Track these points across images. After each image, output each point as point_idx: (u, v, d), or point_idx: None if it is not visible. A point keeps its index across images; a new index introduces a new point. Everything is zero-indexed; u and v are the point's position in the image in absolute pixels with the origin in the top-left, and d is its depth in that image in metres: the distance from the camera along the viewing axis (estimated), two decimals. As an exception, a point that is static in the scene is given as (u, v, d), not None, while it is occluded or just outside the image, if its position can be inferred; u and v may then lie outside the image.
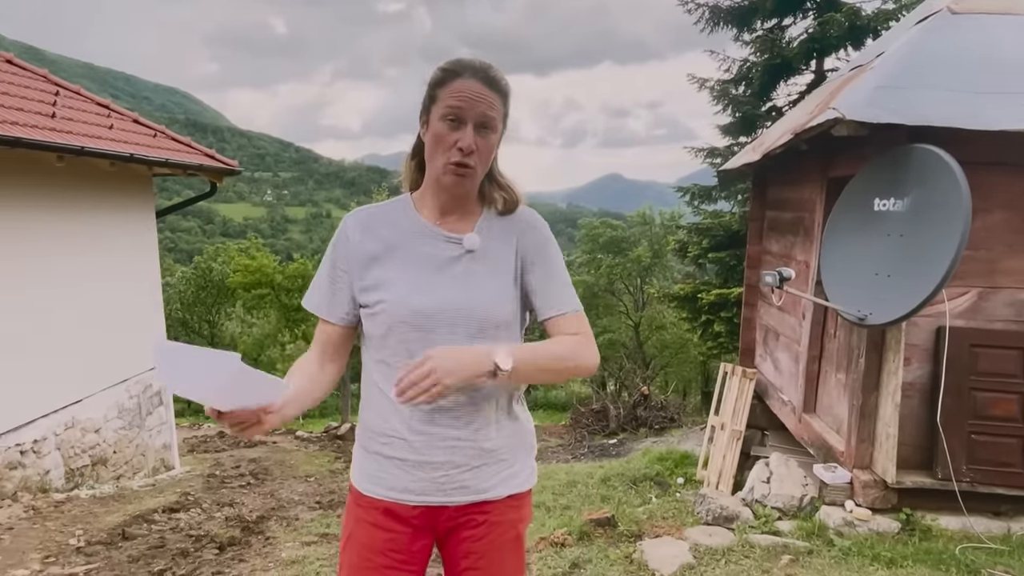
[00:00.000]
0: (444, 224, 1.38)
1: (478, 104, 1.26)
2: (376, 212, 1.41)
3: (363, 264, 1.36)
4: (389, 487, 1.36)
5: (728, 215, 12.04)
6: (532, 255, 1.39)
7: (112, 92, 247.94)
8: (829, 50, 10.58)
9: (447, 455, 1.33)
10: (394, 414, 1.34)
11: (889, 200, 3.17)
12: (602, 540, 3.93)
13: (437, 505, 1.36)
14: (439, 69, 1.31)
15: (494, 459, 1.37)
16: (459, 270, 1.35)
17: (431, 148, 1.31)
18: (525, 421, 1.46)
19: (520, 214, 1.43)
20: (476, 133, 1.28)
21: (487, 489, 1.38)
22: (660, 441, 8.19)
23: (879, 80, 3.35)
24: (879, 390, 3.54)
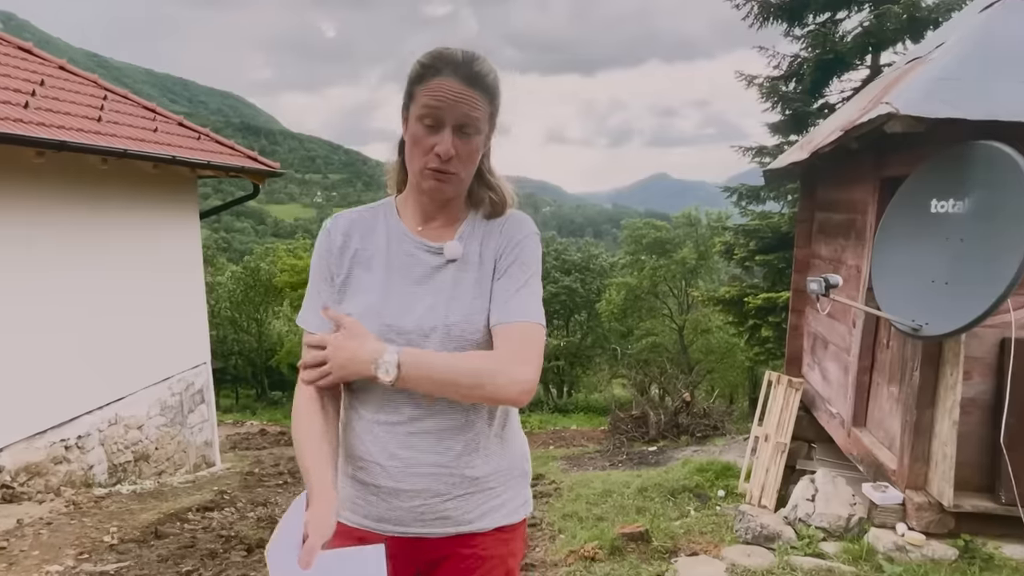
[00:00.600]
0: (426, 231, 1.26)
1: (458, 105, 1.13)
2: (357, 217, 1.31)
3: (344, 272, 1.26)
4: (364, 515, 1.25)
5: (777, 216, 11.64)
6: (504, 258, 1.24)
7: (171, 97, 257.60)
8: (886, 44, 10.13)
9: (426, 483, 1.21)
10: (369, 436, 1.23)
11: (948, 201, 2.93)
12: (634, 556, 3.77)
13: (416, 537, 1.25)
14: (418, 63, 1.17)
15: (479, 487, 1.25)
16: (439, 282, 1.23)
17: (409, 150, 1.20)
18: (517, 446, 1.34)
19: (507, 218, 1.29)
20: (456, 136, 1.15)
21: (471, 520, 1.25)
22: (702, 450, 7.93)
23: (938, 72, 3.10)
24: (935, 406, 3.29)
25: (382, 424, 1.22)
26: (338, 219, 1.30)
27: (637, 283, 25.01)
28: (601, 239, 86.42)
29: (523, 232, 1.27)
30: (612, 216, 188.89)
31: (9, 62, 5.76)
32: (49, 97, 5.41)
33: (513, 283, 1.21)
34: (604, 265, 29.33)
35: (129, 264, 6.23)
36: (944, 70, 3.10)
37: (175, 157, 5.99)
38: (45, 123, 4.74)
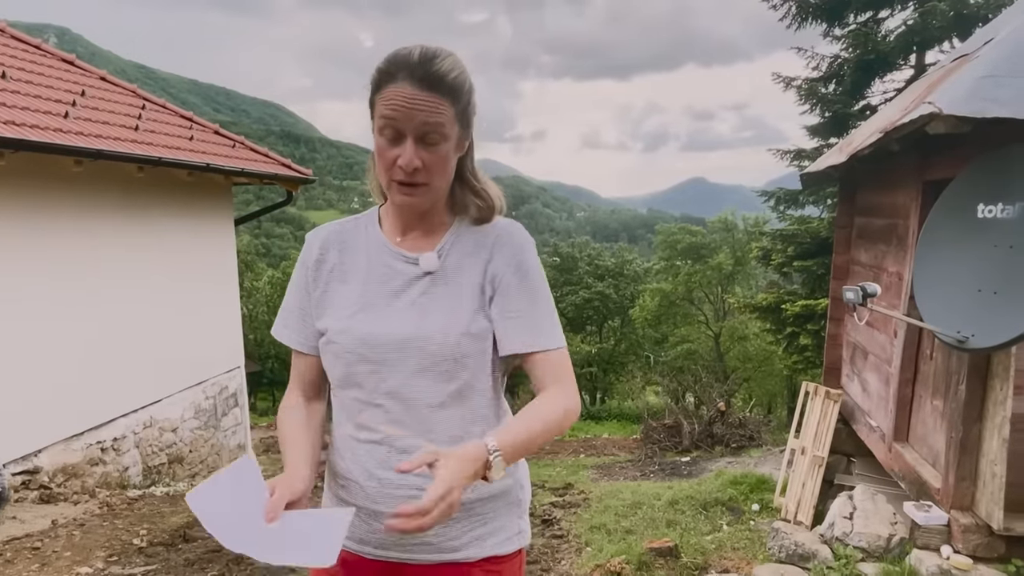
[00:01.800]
0: (404, 242, 1.21)
1: (414, 113, 1.05)
2: (338, 229, 1.27)
3: (320, 286, 1.22)
4: (347, 535, 1.18)
5: (816, 221, 11.35)
6: (505, 276, 1.17)
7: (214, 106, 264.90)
8: (931, 43, 9.80)
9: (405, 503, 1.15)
10: (349, 454, 1.19)
11: (996, 206, 2.76)
12: (663, 572, 3.67)
13: (398, 562, 1.19)
14: (375, 69, 1.09)
15: (465, 513, 1.17)
16: (414, 294, 1.16)
17: (376, 163, 1.14)
18: (512, 469, 1.24)
19: (495, 226, 1.22)
20: (420, 146, 1.07)
21: (457, 548, 1.18)
22: (736, 462, 7.73)
23: (985, 69, 2.94)
24: (983, 422, 3.11)
25: (361, 442, 1.17)
26: (318, 232, 1.27)
27: (672, 289, 24.70)
28: (636, 244, 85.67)
29: (520, 246, 1.19)
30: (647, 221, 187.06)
31: (52, 74, 5.94)
32: (89, 107, 5.55)
33: (542, 304, 1.17)
34: (638, 270, 29.06)
35: (166, 270, 6.36)
36: (992, 67, 2.94)
37: (209, 165, 6.09)
38: (84, 132, 4.87)
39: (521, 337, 1.15)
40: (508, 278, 1.16)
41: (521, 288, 1.16)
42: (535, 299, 1.17)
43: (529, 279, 1.17)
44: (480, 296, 1.16)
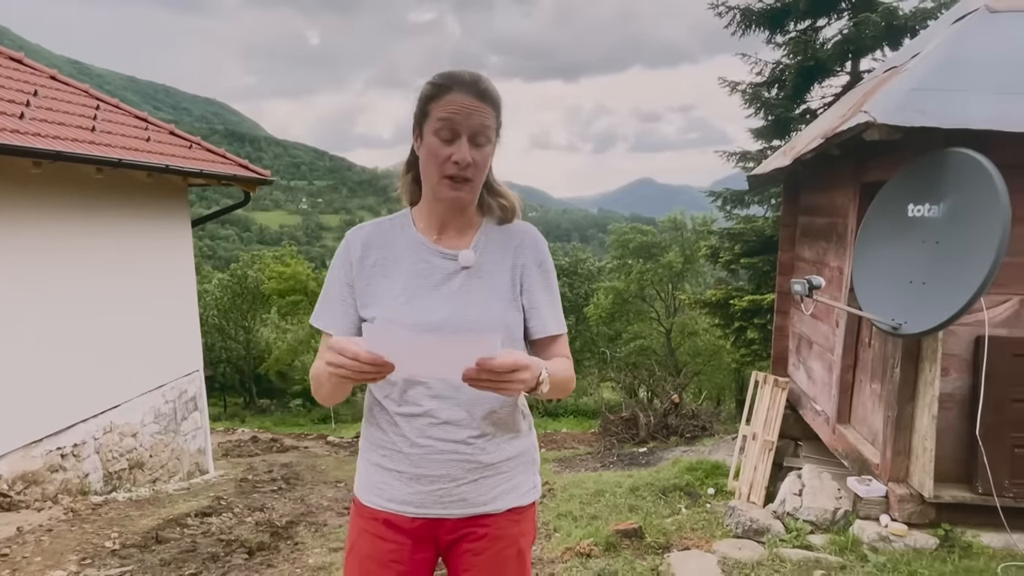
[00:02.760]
0: (442, 240, 1.37)
1: (471, 117, 1.25)
2: (376, 228, 1.41)
3: (364, 279, 1.36)
4: (388, 498, 1.36)
5: (761, 220, 11.84)
6: (532, 272, 1.39)
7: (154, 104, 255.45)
8: (865, 51, 10.36)
9: (444, 468, 1.32)
10: (392, 427, 1.34)
11: (924, 206, 3.07)
12: (629, 551, 3.88)
13: (436, 518, 1.36)
14: (429, 84, 1.29)
15: (493, 472, 1.36)
16: (454, 287, 1.34)
17: (425, 163, 1.31)
18: (527, 434, 1.45)
19: (518, 228, 1.42)
20: (470, 146, 1.26)
21: (486, 502, 1.37)
22: (691, 450, 8.07)
23: (913, 82, 3.25)
24: (915, 401, 3.43)
25: (404, 416, 1.33)
26: (357, 232, 1.41)
27: (624, 287, 25.20)
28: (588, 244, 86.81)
29: (541, 247, 1.42)
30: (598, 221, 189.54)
31: (2, 72, 5.79)
32: (43, 107, 5.44)
33: (556, 298, 1.43)
34: (592, 269, 29.53)
35: (123, 272, 6.26)
36: (919, 80, 3.25)
37: (168, 166, 6.03)
38: (41, 133, 4.79)
39: (549, 323, 1.39)
40: (534, 274, 1.39)
41: (544, 283, 1.41)
42: (553, 292, 1.43)
43: (549, 275, 1.42)
44: (512, 289, 1.37)
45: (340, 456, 9.94)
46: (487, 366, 1.08)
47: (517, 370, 1.10)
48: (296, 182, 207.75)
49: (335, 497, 6.30)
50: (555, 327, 1.40)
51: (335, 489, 6.90)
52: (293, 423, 20.68)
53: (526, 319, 1.38)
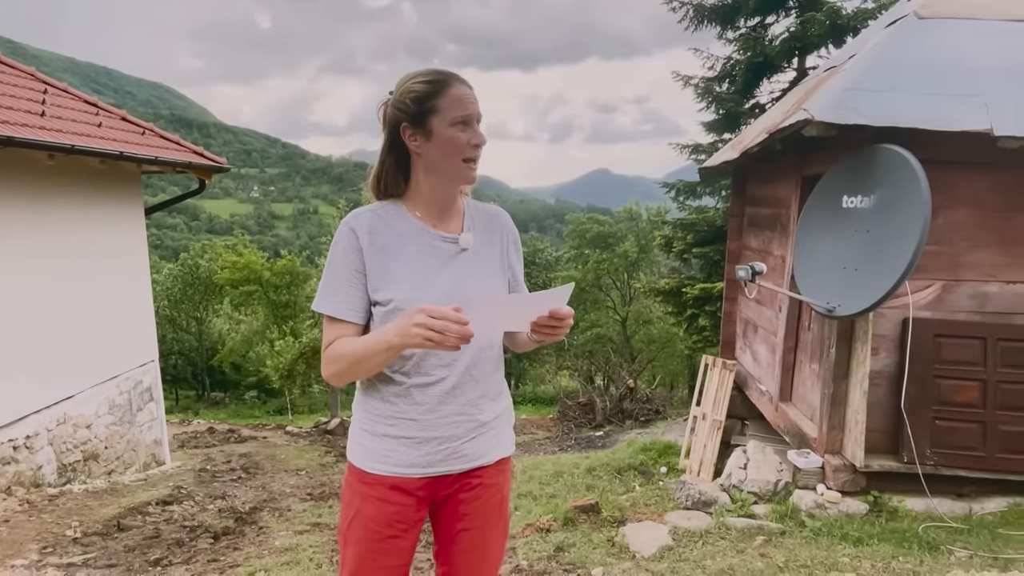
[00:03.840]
0: (438, 225, 1.52)
1: (475, 104, 1.45)
2: (376, 216, 1.49)
3: (375, 264, 1.45)
4: (395, 463, 1.48)
5: (712, 211, 12.21)
6: (512, 252, 1.64)
7: (95, 87, 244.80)
8: (811, 48, 10.76)
9: (451, 429, 1.48)
10: (403, 398, 1.47)
11: (856, 197, 3.32)
12: (586, 525, 4.07)
13: (439, 475, 1.51)
14: (421, 83, 1.42)
15: (487, 429, 1.54)
16: (457, 266, 1.50)
17: (441, 155, 1.44)
18: (506, 393, 1.64)
19: (494, 211, 1.63)
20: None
21: (481, 456, 1.54)
22: (645, 432, 8.36)
23: (847, 83, 3.50)
24: (848, 379, 3.71)
25: (417, 386, 1.46)
26: (359, 216, 1.48)
27: (581, 276, 25.55)
28: (545, 234, 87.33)
29: (515, 229, 1.65)
30: (555, 211, 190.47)
31: (-58, 54, 5.59)
32: (-11, 91, 5.29)
33: (521, 271, 1.66)
34: (549, 259, 29.80)
35: (74, 261, 6.14)
36: (852, 81, 3.50)
37: (123, 153, 5.93)
38: (-11, 118, 4.67)
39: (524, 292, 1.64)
40: (513, 254, 1.63)
41: (520, 259, 1.66)
42: (522, 267, 1.68)
43: (521, 252, 1.68)
44: (501, 265, 1.59)
45: (300, 445, 9.91)
46: (559, 314, 1.34)
47: (570, 317, 1.37)
48: (247, 170, 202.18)
49: (297, 484, 6.34)
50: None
51: (296, 477, 6.93)
52: (248, 415, 20.39)
53: (510, 290, 1.62)
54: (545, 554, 3.59)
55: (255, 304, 23.52)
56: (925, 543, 3.16)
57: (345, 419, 12.03)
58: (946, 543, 3.16)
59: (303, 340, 17.15)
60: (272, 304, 22.39)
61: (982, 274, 3.59)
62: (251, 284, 22.44)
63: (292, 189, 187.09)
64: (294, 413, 19.85)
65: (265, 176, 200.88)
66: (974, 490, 3.64)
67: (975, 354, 3.53)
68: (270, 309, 22.45)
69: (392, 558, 1.50)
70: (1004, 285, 3.59)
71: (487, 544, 1.58)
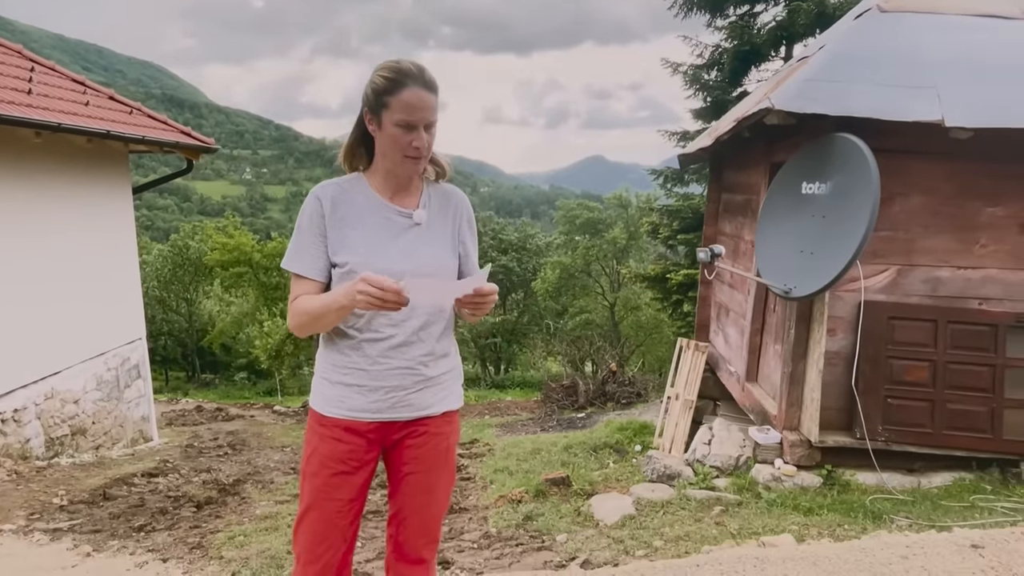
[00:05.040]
0: (395, 200, 1.68)
1: (425, 111, 1.54)
2: (339, 187, 1.66)
3: (335, 230, 1.62)
4: (348, 408, 1.66)
5: (698, 198, 12.35)
6: (465, 229, 1.78)
7: (84, 65, 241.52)
8: (797, 38, 10.86)
9: (398, 380, 1.65)
10: (354, 351, 1.64)
11: (815, 184, 3.47)
12: (556, 497, 4.25)
13: (388, 421, 1.67)
14: (383, 78, 1.54)
15: (433, 384, 1.70)
16: (410, 238, 1.66)
17: (387, 146, 1.59)
18: (455, 355, 1.79)
19: (451, 191, 1.78)
20: (425, 132, 1.57)
21: (427, 407, 1.70)
22: (625, 414, 8.54)
23: (810, 73, 3.63)
24: (806, 358, 3.87)
25: (368, 341, 1.64)
26: (324, 189, 1.66)
27: (571, 262, 25.72)
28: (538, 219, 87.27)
29: (469, 208, 1.80)
30: (549, 197, 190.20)
31: (-71, 31, 5.62)
32: (-25, 69, 5.35)
33: (476, 246, 1.82)
34: (540, 245, 29.93)
35: (62, 239, 6.22)
36: (815, 71, 3.63)
37: (109, 132, 6.00)
38: (-25, 96, 4.74)
39: (474, 267, 1.78)
40: (467, 231, 1.78)
41: (472, 236, 1.81)
42: (475, 242, 1.84)
43: (474, 229, 1.83)
44: (452, 240, 1.74)
45: (287, 424, 10.06)
46: (482, 291, 1.49)
47: (494, 294, 1.52)
48: (239, 151, 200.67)
49: (281, 460, 6.49)
50: (477, 269, 1.78)
51: (281, 453, 7.08)
52: (238, 396, 20.52)
53: (460, 263, 1.77)
54: (514, 522, 3.76)
55: (245, 286, 23.57)
56: (870, 512, 3.33)
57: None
58: (890, 513, 3.33)
59: (292, 322, 17.24)
60: (262, 286, 22.45)
61: (935, 259, 3.75)
62: (241, 266, 22.47)
63: (285, 171, 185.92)
64: (283, 394, 20.00)
65: (257, 158, 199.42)
66: (923, 465, 3.82)
67: (926, 336, 3.69)
68: (260, 291, 22.52)
69: (344, 491, 1.66)
70: (955, 270, 3.75)
71: (432, 487, 1.74)
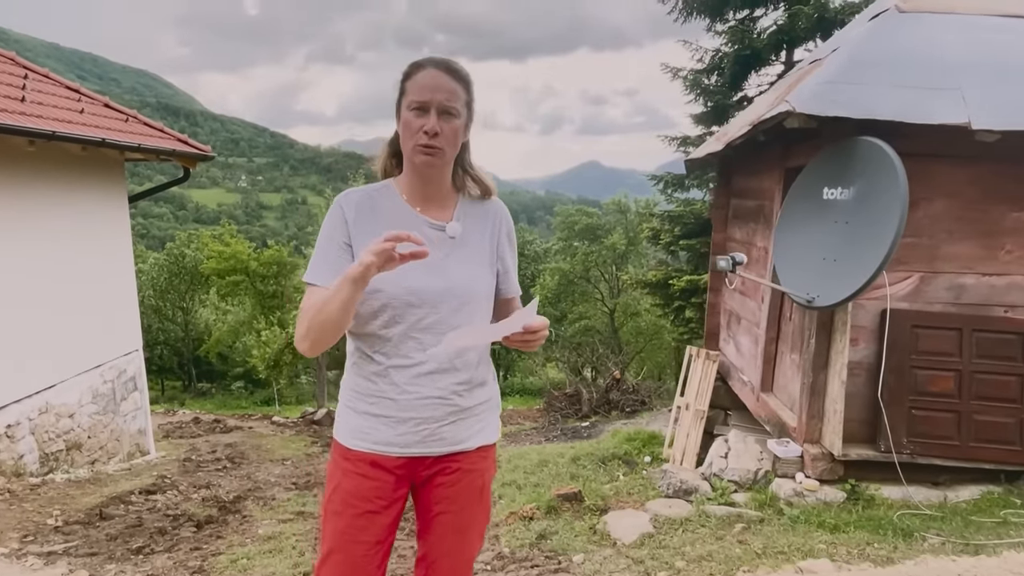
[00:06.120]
0: (426, 211, 1.52)
1: (439, 92, 1.40)
2: (366, 196, 1.52)
3: (359, 241, 1.46)
4: (375, 441, 1.51)
5: (699, 203, 12.27)
6: (504, 244, 1.62)
7: (79, 74, 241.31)
8: (798, 42, 10.80)
9: (429, 411, 1.49)
10: (381, 378, 1.49)
11: (836, 189, 3.36)
12: (569, 513, 4.11)
13: (418, 456, 1.52)
14: (410, 65, 1.46)
15: (468, 415, 1.55)
16: (443, 254, 1.50)
17: (403, 135, 1.46)
18: (492, 383, 1.64)
19: (493, 204, 1.62)
20: (440, 119, 1.41)
21: (461, 441, 1.55)
22: (630, 423, 8.41)
23: (829, 75, 3.52)
24: (828, 369, 3.75)
25: (395, 367, 1.48)
26: (349, 196, 1.52)
27: (570, 268, 25.61)
28: (535, 226, 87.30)
29: (510, 221, 1.65)
30: (545, 203, 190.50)
31: (-80, 38, 5.50)
32: (-33, 76, 5.22)
33: (516, 263, 1.66)
34: (538, 251, 29.82)
35: (57, 249, 6.08)
36: (834, 73, 3.52)
37: (104, 140, 5.87)
38: (-33, 103, 4.61)
39: (515, 286, 1.64)
40: (506, 245, 1.62)
41: (512, 251, 1.65)
42: (516, 258, 1.67)
43: (515, 244, 1.67)
44: (491, 256, 1.58)
45: (286, 436, 9.90)
46: (532, 328, 1.36)
47: (545, 329, 1.39)
48: (235, 159, 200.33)
49: (282, 474, 6.34)
50: (518, 289, 1.65)
51: (282, 466, 6.93)
52: (235, 405, 20.32)
53: (498, 281, 1.60)
54: (527, 541, 3.62)
55: (242, 294, 23.38)
56: (899, 530, 3.21)
57: (332, 410, 12.03)
58: (920, 530, 3.21)
59: (290, 330, 17.09)
60: (259, 294, 22.28)
61: (959, 266, 3.64)
62: (238, 274, 22.30)
63: (280, 179, 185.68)
64: (281, 404, 19.81)
65: (253, 165, 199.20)
66: (949, 478, 3.70)
67: (951, 345, 3.58)
68: (257, 299, 22.34)
69: (369, 533, 1.51)
70: (980, 277, 3.64)
71: (465, 528, 1.59)
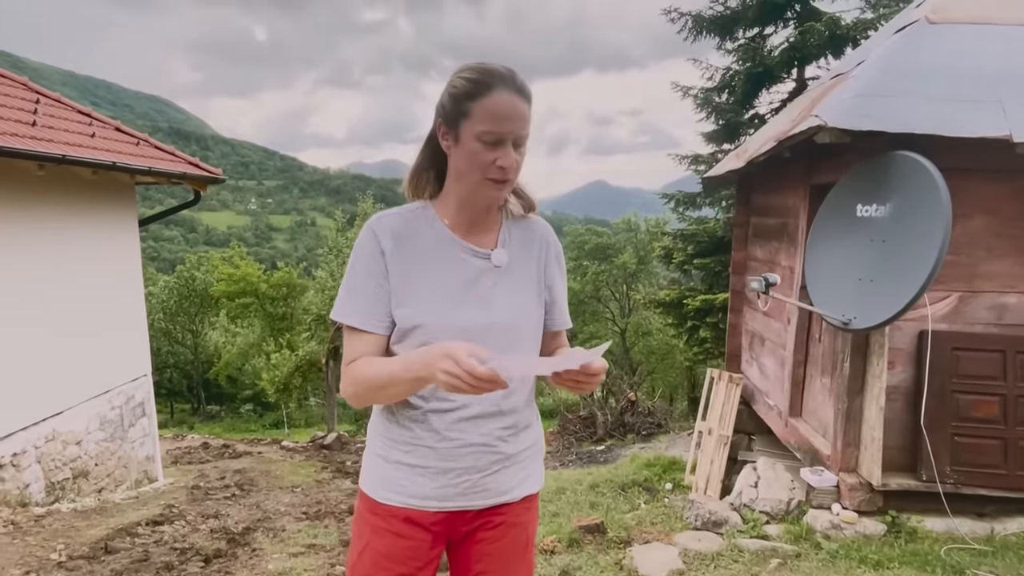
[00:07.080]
0: (469, 237, 1.36)
1: (516, 121, 1.22)
2: (401, 219, 1.35)
3: (398, 272, 1.30)
4: (411, 495, 1.34)
5: (712, 221, 12.14)
6: (553, 271, 1.45)
7: (93, 100, 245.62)
8: (810, 59, 10.74)
9: (472, 460, 1.33)
10: (418, 423, 1.32)
11: (871, 206, 3.21)
12: (592, 547, 3.93)
13: (458, 510, 1.37)
14: (466, 80, 1.23)
15: (513, 462, 1.39)
16: (488, 285, 1.34)
17: (464, 166, 1.26)
18: (537, 425, 1.48)
19: (537, 225, 1.45)
20: (513, 149, 1.25)
21: (506, 491, 1.39)
22: (647, 447, 8.20)
23: (860, 88, 3.40)
24: (864, 393, 3.58)
25: (435, 411, 1.31)
26: (383, 220, 1.34)
27: (580, 288, 25.46)
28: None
29: (557, 245, 1.47)
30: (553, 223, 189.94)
31: (-68, 63, 5.48)
32: (-21, 101, 5.19)
33: (564, 293, 1.48)
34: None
35: (66, 273, 6.01)
36: (866, 86, 3.40)
37: (115, 163, 5.81)
38: (-23, 128, 4.56)
39: (565, 318, 1.48)
40: (555, 273, 1.45)
41: (562, 278, 1.48)
42: (565, 287, 1.50)
43: (564, 272, 1.50)
44: (538, 285, 1.41)
45: (295, 461, 9.73)
46: (590, 369, 1.16)
47: (602, 373, 1.19)
48: (245, 182, 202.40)
49: (292, 502, 6.17)
50: (567, 321, 1.49)
51: (292, 494, 6.76)
52: (244, 429, 20.17)
53: (547, 312, 1.43)
54: (550, 578, 3.44)
55: (251, 316, 23.39)
56: (949, 567, 3.02)
57: (342, 433, 11.86)
58: (971, 566, 3.02)
59: (299, 353, 17.01)
60: (268, 316, 22.25)
61: (1000, 285, 3.48)
62: (247, 296, 22.31)
63: (290, 201, 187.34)
64: (290, 427, 19.66)
65: (263, 188, 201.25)
66: (995, 509, 3.50)
67: (994, 368, 3.41)
68: (266, 321, 22.31)
69: None
70: (1022, 296, 3.47)
71: None
